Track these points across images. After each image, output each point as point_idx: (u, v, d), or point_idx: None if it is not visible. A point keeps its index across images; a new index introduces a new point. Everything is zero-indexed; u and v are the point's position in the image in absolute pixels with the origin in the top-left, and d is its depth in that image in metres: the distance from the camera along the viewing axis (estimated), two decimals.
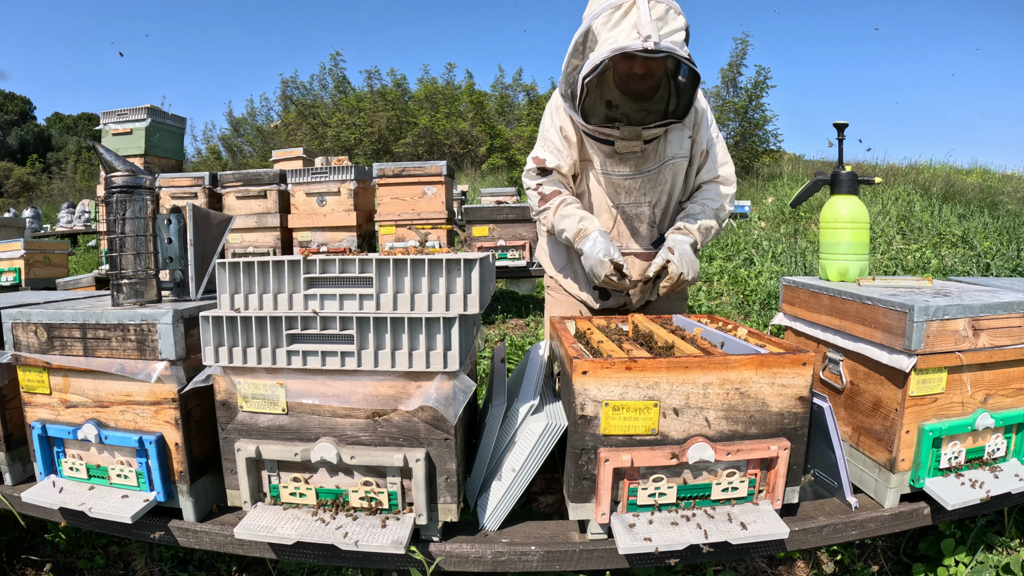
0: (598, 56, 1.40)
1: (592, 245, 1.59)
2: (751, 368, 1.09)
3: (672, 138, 1.67)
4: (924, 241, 5.49)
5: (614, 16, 1.39)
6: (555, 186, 1.71)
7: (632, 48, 1.35)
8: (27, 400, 1.31)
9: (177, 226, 1.39)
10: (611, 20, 1.39)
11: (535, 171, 1.73)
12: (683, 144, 1.69)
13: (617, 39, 1.38)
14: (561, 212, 1.67)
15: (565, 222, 1.65)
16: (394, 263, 1.10)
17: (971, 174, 10.42)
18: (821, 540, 1.22)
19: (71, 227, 10.07)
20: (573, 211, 1.66)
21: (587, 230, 1.62)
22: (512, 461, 1.20)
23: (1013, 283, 1.58)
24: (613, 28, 1.39)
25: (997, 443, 1.31)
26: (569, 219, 1.65)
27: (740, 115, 12.29)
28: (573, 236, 1.64)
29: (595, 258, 1.57)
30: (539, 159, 1.72)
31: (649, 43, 1.34)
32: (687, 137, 1.70)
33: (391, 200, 4.30)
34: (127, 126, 5.13)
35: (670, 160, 1.69)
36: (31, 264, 4.95)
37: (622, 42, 1.36)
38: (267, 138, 15.94)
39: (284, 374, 1.14)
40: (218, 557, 1.76)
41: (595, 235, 1.60)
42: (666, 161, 1.69)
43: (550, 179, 1.71)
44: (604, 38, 1.41)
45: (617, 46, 1.36)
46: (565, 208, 1.67)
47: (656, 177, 1.71)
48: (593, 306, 1.88)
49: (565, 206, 1.68)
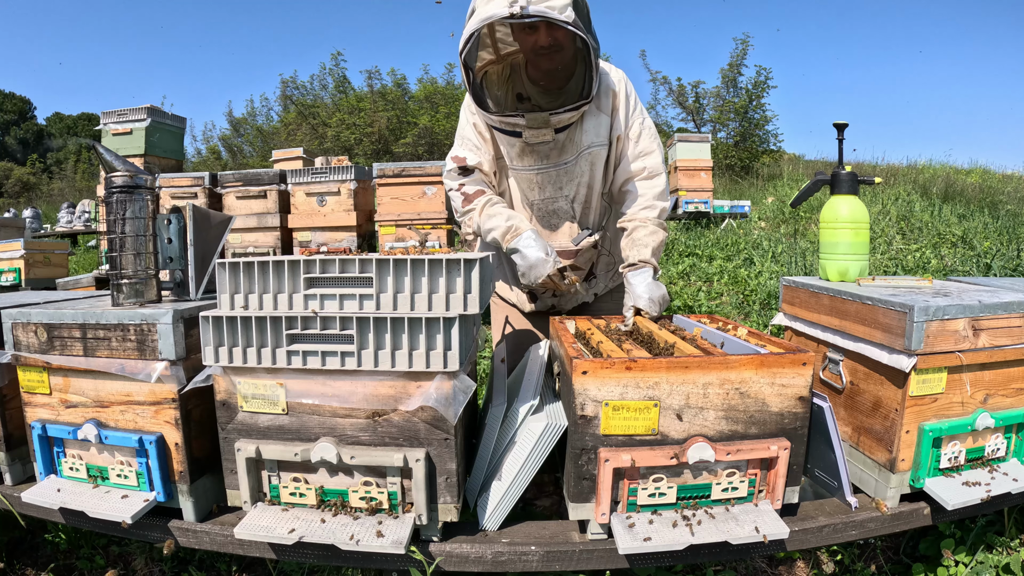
0: (468, 28, 1.34)
1: (528, 243, 1.50)
2: (751, 368, 1.09)
3: (588, 126, 1.57)
4: (924, 241, 5.49)
5: None
6: (478, 185, 1.62)
7: (499, 16, 1.28)
8: (27, 400, 1.31)
9: (177, 226, 1.39)
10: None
11: (456, 171, 1.64)
12: (599, 132, 1.59)
13: (486, 10, 1.31)
14: (488, 212, 1.58)
15: (492, 221, 1.56)
16: (394, 263, 1.10)
17: (971, 174, 10.42)
18: (821, 540, 1.22)
19: (71, 227, 10.07)
20: (500, 210, 1.58)
21: (519, 229, 1.53)
22: (512, 461, 1.20)
23: (1013, 283, 1.58)
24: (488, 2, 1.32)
25: (997, 443, 1.31)
26: (496, 218, 1.56)
27: (740, 115, 12.29)
28: (502, 236, 1.54)
29: (535, 257, 1.48)
30: (458, 158, 1.63)
31: (516, 7, 1.27)
32: (604, 124, 1.59)
33: (391, 200, 4.30)
34: (127, 126, 5.13)
35: (587, 150, 1.58)
36: (31, 264, 4.95)
37: (487, 12, 1.30)
38: (267, 138, 15.94)
39: (284, 374, 1.14)
40: (218, 557, 1.75)
41: (529, 234, 1.52)
42: (583, 151, 1.58)
43: (472, 178, 1.62)
44: (478, 11, 1.34)
45: (485, 14, 1.30)
46: (491, 208, 1.59)
47: (572, 169, 1.60)
48: (525, 309, 1.82)
49: (491, 206, 1.59)
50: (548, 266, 1.48)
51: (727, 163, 11.74)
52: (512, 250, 1.54)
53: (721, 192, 9.52)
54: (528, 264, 1.50)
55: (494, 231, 1.56)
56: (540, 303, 1.80)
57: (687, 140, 7.18)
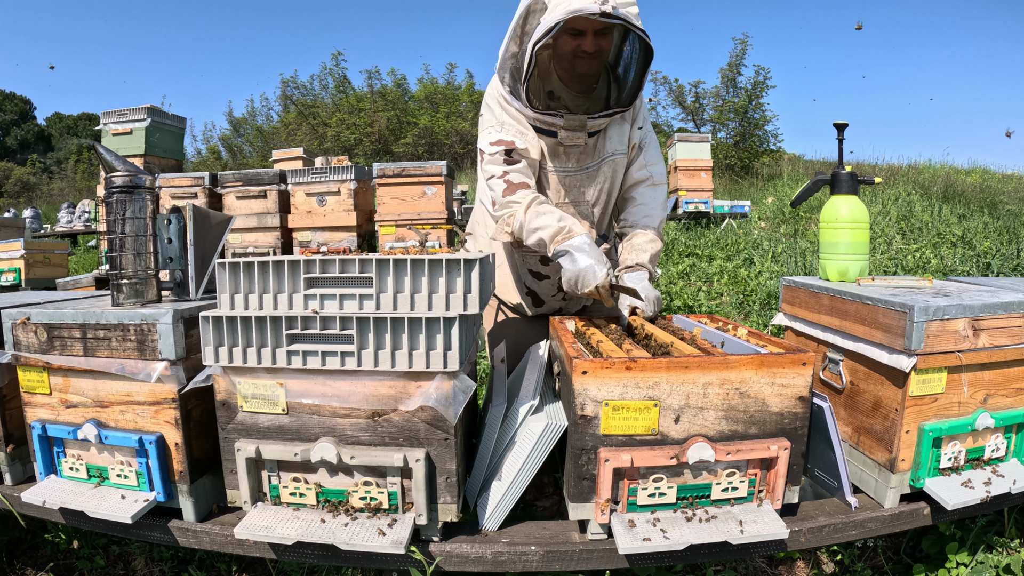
0: (553, 18, 1.30)
1: (582, 247, 1.41)
2: (751, 368, 1.09)
3: (612, 133, 1.56)
4: (924, 241, 5.49)
5: None
6: (525, 177, 1.50)
7: (588, 11, 1.26)
8: (27, 400, 1.31)
9: (177, 226, 1.39)
10: None
11: (502, 155, 1.48)
12: (622, 139, 1.58)
13: (571, 2, 1.28)
14: (536, 209, 1.47)
15: (541, 220, 1.45)
16: (394, 263, 1.10)
17: (971, 174, 10.42)
18: (821, 540, 1.22)
19: (71, 227, 10.07)
20: (551, 209, 1.48)
21: (572, 231, 1.44)
22: (512, 461, 1.20)
23: (1013, 283, 1.58)
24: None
25: (997, 443, 1.31)
26: (547, 217, 1.45)
27: (740, 115, 12.29)
28: (551, 236, 1.44)
29: (586, 264, 1.39)
30: (505, 141, 1.48)
31: (607, 6, 1.26)
32: (626, 132, 1.59)
33: (391, 200, 4.30)
34: (127, 126, 5.14)
35: (610, 156, 1.58)
36: (31, 264, 4.95)
37: (575, 4, 1.27)
38: (267, 138, 15.94)
39: (284, 374, 1.14)
40: (218, 557, 1.75)
41: (584, 238, 1.43)
42: (606, 158, 1.58)
43: (519, 167, 1.50)
44: (555, 2, 1.31)
45: (572, 8, 1.27)
46: (541, 206, 1.48)
47: (595, 174, 1.59)
48: (527, 313, 1.77)
49: (540, 204, 1.49)
50: (600, 276, 1.36)
51: (727, 163, 11.75)
52: (560, 252, 1.44)
53: (721, 192, 9.53)
54: (577, 270, 1.39)
55: (541, 231, 1.44)
56: (546, 307, 1.77)
57: (687, 140, 7.18)
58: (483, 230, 1.78)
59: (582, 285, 1.40)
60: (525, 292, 1.76)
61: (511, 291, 1.78)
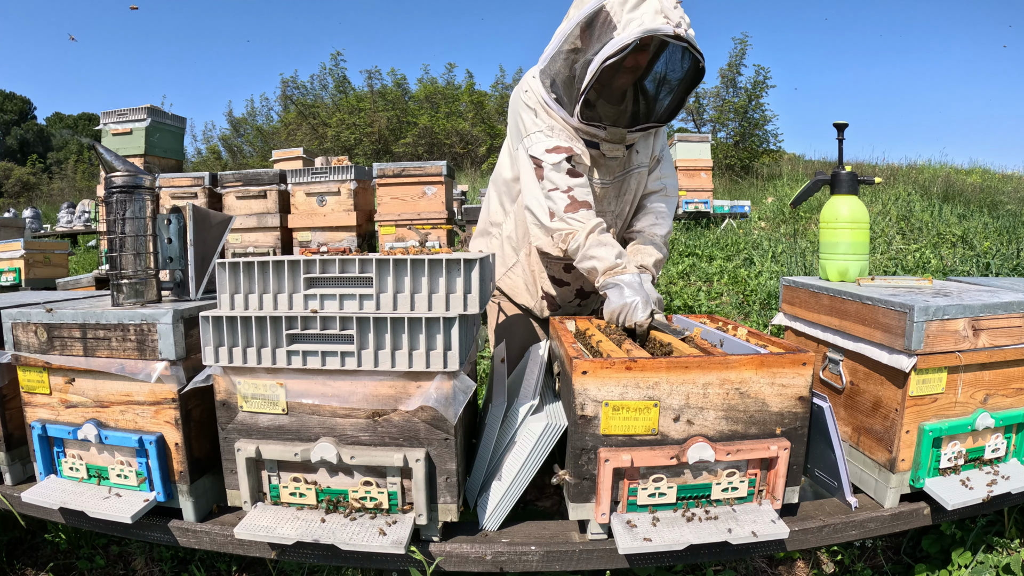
0: (626, 37, 1.29)
1: (633, 284, 1.42)
2: (751, 368, 1.09)
3: (640, 146, 1.60)
4: (924, 241, 5.49)
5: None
6: (589, 197, 1.49)
7: (662, 33, 1.28)
8: (27, 400, 1.31)
9: (177, 226, 1.39)
10: (629, 2, 1.31)
11: (564, 164, 1.47)
12: (648, 152, 1.62)
13: (643, 21, 1.28)
14: (598, 239, 1.46)
15: (600, 251, 1.45)
16: (394, 263, 1.10)
17: (971, 174, 10.42)
18: (821, 540, 1.22)
19: (71, 227, 10.07)
20: (613, 242, 1.48)
21: (627, 268, 1.45)
22: (512, 461, 1.20)
23: (1013, 283, 1.58)
24: (634, 9, 1.30)
25: (997, 443, 1.31)
26: (606, 248, 1.45)
27: (740, 115, 12.29)
28: (604, 269, 1.45)
29: (632, 300, 1.40)
30: (563, 148, 1.47)
31: (681, 29, 1.29)
32: (651, 145, 1.62)
33: (391, 200, 4.30)
34: (127, 126, 5.13)
35: (636, 168, 1.61)
36: (31, 264, 4.95)
37: (650, 24, 1.28)
38: (267, 138, 15.95)
39: (284, 374, 1.14)
40: (218, 557, 1.75)
41: (636, 277, 1.44)
42: (631, 170, 1.61)
43: (582, 182, 1.49)
44: (627, 19, 1.30)
45: (647, 28, 1.28)
46: (603, 236, 1.47)
47: (622, 185, 1.62)
48: (542, 316, 1.78)
49: (602, 233, 1.48)
50: (643, 315, 1.39)
51: (727, 163, 11.75)
52: (609, 284, 1.45)
53: (721, 192, 9.52)
54: (623, 303, 1.41)
55: (598, 260, 1.45)
56: (561, 311, 1.79)
57: (687, 140, 7.17)
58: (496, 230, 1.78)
59: (625, 318, 1.42)
60: (541, 296, 1.77)
61: (523, 294, 1.78)
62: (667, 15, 1.28)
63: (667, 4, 1.30)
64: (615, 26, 1.31)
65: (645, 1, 1.30)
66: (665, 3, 1.30)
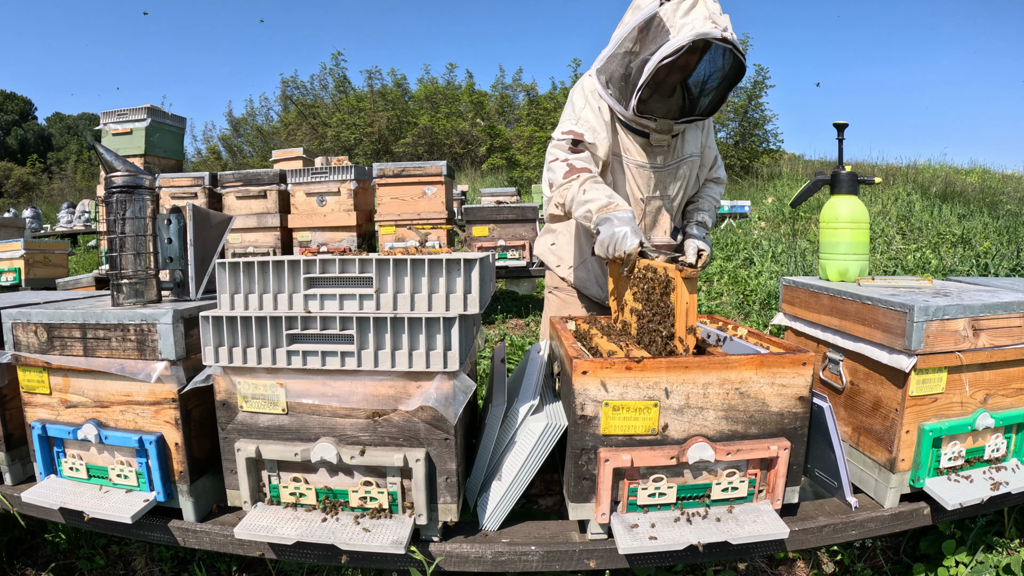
0: (681, 39, 1.42)
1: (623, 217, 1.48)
2: (751, 368, 1.09)
3: (689, 137, 1.75)
4: (924, 241, 5.49)
5: (683, 5, 1.44)
6: (587, 164, 1.64)
7: (712, 36, 1.41)
8: (27, 400, 1.31)
9: (177, 226, 1.39)
10: (680, 8, 1.44)
11: (568, 143, 1.66)
12: (697, 143, 1.78)
13: (695, 26, 1.42)
14: (590, 186, 1.57)
15: (591, 194, 1.55)
16: (394, 263, 1.10)
17: (971, 174, 10.42)
18: (821, 540, 1.22)
19: (71, 227, 10.07)
20: (604, 187, 1.58)
21: (619, 205, 1.52)
22: (512, 461, 1.20)
23: (1013, 283, 1.58)
24: (686, 15, 1.44)
25: (997, 443, 1.31)
26: (597, 191, 1.55)
27: (740, 115, 12.29)
28: (597, 208, 1.52)
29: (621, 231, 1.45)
30: (575, 132, 1.66)
31: (728, 33, 1.42)
32: (699, 138, 1.78)
33: (391, 200, 4.30)
34: (127, 126, 5.13)
35: (688, 158, 1.77)
36: (31, 264, 4.95)
37: (701, 28, 1.41)
38: (267, 138, 15.95)
39: (284, 374, 1.14)
40: (218, 557, 1.75)
41: (628, 213, 1.51)
42: (683, 159, 1.76)
43: (583, 155, 1.65)
44: (679, 23, 1.44)
45: (699, 32, 1.41)
46: (595, 183, 1.59)
47: (675, 172, 1.78)
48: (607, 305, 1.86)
49: (594, 182, 1.60)
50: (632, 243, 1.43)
51: (727, 163, 11.75)
52: (602, 220, 1.50)
53: None
54: (612, 233, 1.46)
55: (590, 203, 1.54)
56: None
57: None
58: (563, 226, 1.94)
59: (614, 249, 1.48)
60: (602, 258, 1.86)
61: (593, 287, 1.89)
62: (715, 20, 1.42)
63: (714, 10, 1.44)
64: (668, 30, 1.45)
65: (695, 8, 1.44)
66: (712, 9, 1.44)
